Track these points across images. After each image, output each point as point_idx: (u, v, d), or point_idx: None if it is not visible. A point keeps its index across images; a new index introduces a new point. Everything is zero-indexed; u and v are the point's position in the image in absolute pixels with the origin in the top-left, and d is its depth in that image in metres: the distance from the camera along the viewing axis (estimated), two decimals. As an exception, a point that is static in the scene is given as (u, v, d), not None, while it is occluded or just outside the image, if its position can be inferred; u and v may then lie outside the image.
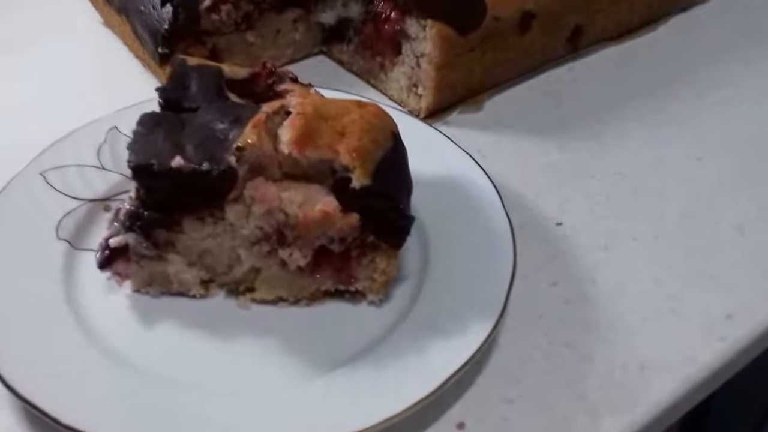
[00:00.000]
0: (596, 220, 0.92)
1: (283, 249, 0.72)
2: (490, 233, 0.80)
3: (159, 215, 0.70)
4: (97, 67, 1.18)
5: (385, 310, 0.75)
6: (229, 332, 0.73)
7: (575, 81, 1.19)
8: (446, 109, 1.11)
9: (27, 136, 0.99)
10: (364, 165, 0.68)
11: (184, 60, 0.78)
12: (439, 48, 1.00)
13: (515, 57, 1.13)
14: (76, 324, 0.71)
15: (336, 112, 0.73)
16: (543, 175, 0.99)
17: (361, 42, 1.14)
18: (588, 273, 0.85)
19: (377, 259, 0.73)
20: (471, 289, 0.74)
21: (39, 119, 1.05)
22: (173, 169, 0.65)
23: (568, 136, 1.07)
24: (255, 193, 0.68)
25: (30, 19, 1.26)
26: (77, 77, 1.15)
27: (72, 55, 1.19)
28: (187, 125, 0.71)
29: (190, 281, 0.74)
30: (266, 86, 0.82)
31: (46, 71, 1.15)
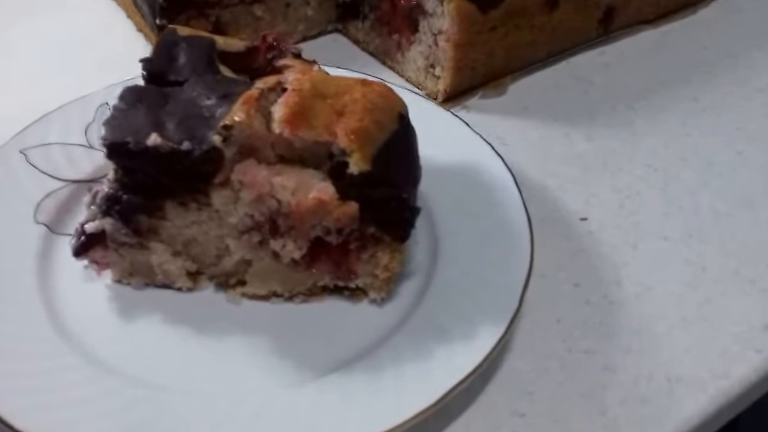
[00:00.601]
0: (624, 217, 0.85)
1: (276, 240, 0.65)
2: (506, 228, 0.74)
3: (139, 199, 0.64)
4: (99, 40, 1.13)
5: (387, 310, 0.69)
6: (215, 330, 0.68)
7: (606, 66, 1.11)
8: (466, 92, 1.04)
9: (20, 112, 0.94)
10: (363, 148, 0.61)
11: (174, 30, 0.72)
12: (458, 25, 0.93)
13: (541, 38, 1.05)
14: (47, 317, 0.66)
15: (336, 90, 0.66)
16: (568, 166, 0.92)
17: (377, 19, 1.07)
18: (613, 274, 0.78)
19: (379, 253, 0.67)
20: (482, 289, 0.68)
21: (34, 94, 0.99)
22: (150, 148, 0.59)
23: (597, 123, 0.99)
24: (243, 177, 0.62)
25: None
26: (77, 50, 1.10)
27: (74, 27, 1.14)
28: (171, 100, 0.65)
29: (175, 273, 0.69)
30: (265, 61, 0.76)
31: (45, 43, 1.11)
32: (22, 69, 1.06)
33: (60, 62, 1.08)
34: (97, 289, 0.70)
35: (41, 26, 1.14)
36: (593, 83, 1.07)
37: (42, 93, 0.99)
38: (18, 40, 1.12)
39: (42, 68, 1.06)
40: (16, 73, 1.06)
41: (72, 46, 1.11)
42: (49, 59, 1.08)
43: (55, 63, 1.07)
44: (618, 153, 0.95)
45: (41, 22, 1.15)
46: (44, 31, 1.14)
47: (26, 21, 1.15)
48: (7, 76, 1.05)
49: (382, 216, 0.65)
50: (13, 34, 1.13)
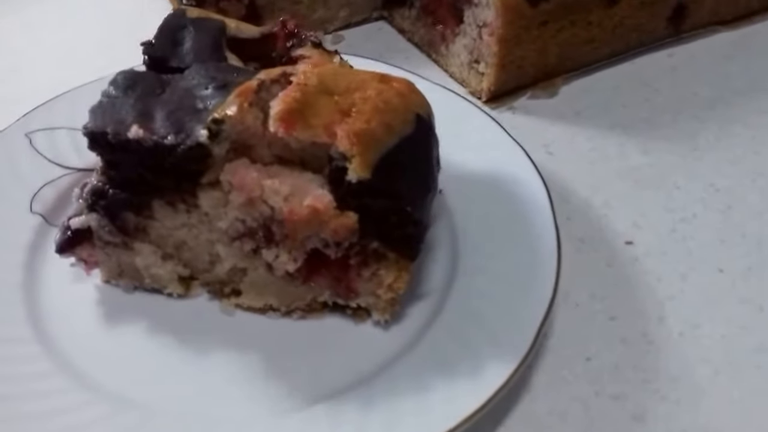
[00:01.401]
0: (676, 242, 0.76)
1: (269, 249, 0.60)
2: (534, 249, 0.67)
3: (126, 195, 0.60)
4: (135, 18, 1.10)
5: (391, 334, 0.63)
6: (205, 343, 0.63)
7: (674, 69, 1.02)
8: (514, 92, 0.97)
9: (45, 90, 0.92)
10: (365, 153, 0.55)
11: (182, 11, 0.68)
12: (503, 17, 0.86)
13: (601, 35, 0.97)
14: (27, 316, 0.63)
15: (347, 85, 0.60)
16: (619, 181, 0.84)
17: (422, 7, 1.01)
18: (656, 308, 0.70)
19: (382, 271, 0.61)
20: (499, 318, 0.61)
21: (60, 72, 0.97)
22: (131, 141, 0.54)
23: (657, 134, 0.91)
24: (233, 178, 0.57)
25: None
26: (110, 28, 1.08)
27: (110, 3, 1.12)
28: (168, 88, 0.61)
29: (165, 277, 0.64)
30: (283, 50, 0.71)
31: (77, 19, 1.09)
32: (50, 46, 1.05)
33: (92, 39, 1.05)
34: (85, 290, 0.67)
35: (75, 4, 1.12)
36: (657, 89, 0.98)
37: (68, 72, 0.97)
38: (49, 14, 1.10)
39: (71, 46, 1.04)
40: (44, 50, 1.04)
41: (105, 23, 1.09)
42: (79, 36, 1.06)
43: (87, 40, 1.05)
44: (677, 169, 0.86)
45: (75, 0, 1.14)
46: (79, 9, 1.12)
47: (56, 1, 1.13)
48: (34, 52, 1.04)
49: (385, 230, 0.58)
50: (44, 7, 1.11)
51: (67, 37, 1.05)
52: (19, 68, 1.01)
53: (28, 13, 1.11)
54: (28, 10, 1.11)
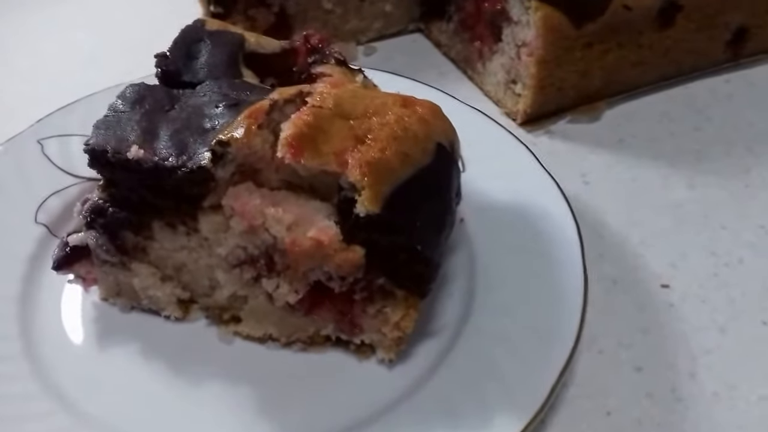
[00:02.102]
0: (718, 289, 0.73)
1: (269, 279, 0.58)
2: (558, 290, 0.64)
3: (125, 214, 0.59)
4: (163, 22, 1.08)
5: (395, 374, 0.61)
6: (199, 372, 0.62)
7: (729, 97, 0.98)
8: (553, 114, 0.94)
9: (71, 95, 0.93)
10: (376, 186, 0.53)
11: (201, 23, 0.67)
12: (543, 38, 0.83)
13: (651, 58, 0.94)
14: (19, 333, 0.62)
15: (365, 109, 0.59)
16: (659, 217, 0.81)
17: (460, 21, 0.99)
18: (689, 362, 0.66)
19: (388, 309, 0.59)
20: (514, 366, 0.59)
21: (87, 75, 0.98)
22: (131, 161, 0.54)
23: (705, 168, 0.87)
24: (235, 203, 0.55)
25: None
26: (142, 32, 1.07)
27: (142, 4, 1.13)
28: (178, 104, 0.60)
29: (163, 299, 0.63)
30: (304, 65, 0.69)
31: (110, 20, 1.11)
32: (75, 46, 1.05)
33: (118, 41, 1.06)
34: (82, 307, 0.66)
35: (106, 3, 1.13)
36: (709, 117, 0.94)
37: (91, 73, 0.98)
38: (78, 18, 1.11)
39: (99, 49, 1.05)
40: (68, 50, 1.05)
41: (137, 26, 1.09)
42: (106, 37, 1.07)
43: (113, 41, 1.06)
44: (725, 207, 0.82)
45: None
46: (109, 9, 1.13)
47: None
48: (58, 53, 1.04)
49: (393, 267, 0.56)
50: (75, 11, 1.12)
51: (92, 38, 1.06)
52: (43, 68, 1.02)
53: (53, 12, 1.12)
54: (53, 9, 1.12)
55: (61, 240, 0.63)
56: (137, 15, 1.11)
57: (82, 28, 1.08)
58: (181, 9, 1.09)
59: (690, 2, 0.89)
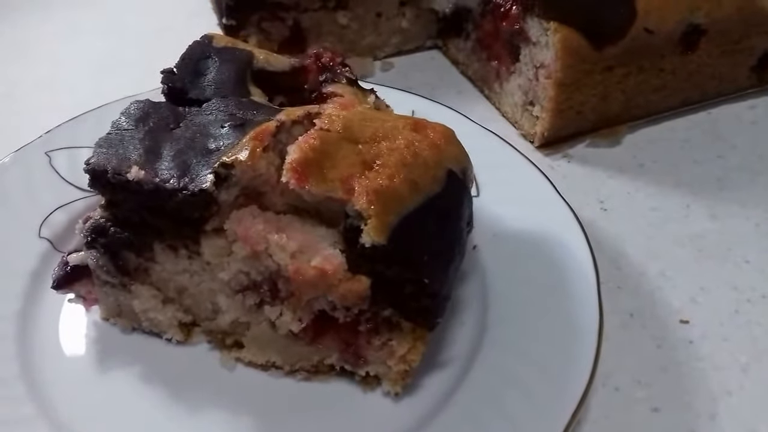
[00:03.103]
0: (739, 327, 0.70)
1: (272, 306, 0.56)
2: (572, 325, 0.62)
3: (126, 234, 0.57)
4: (179, 30, 1.07)
5: (401, 407, 0.59)
6: (199, 398, 0.60)
7: (754, 124, 0.95)
8: (571, 138, 0.91)
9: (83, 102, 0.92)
10: (383, 215, 0.51)
11: (209, 38, 0.66)
12: (562, 60, 0.81)
13: (673, 83, 0.91)
14: (16, 352, 0.61)
15: (374, 133, 0.57)
16: (680, 248, 0.78)
17: (478, 39, 0.97)
18: (709, 403, 0.64)
19: (395, 341, 0.56)
20: (524, 404, 0.56)
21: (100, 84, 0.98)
22: (131, 182, 0.52)
23: (729, 197, 0.84)
24: (238, 228, 0.54)
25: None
26: (154, 40, 1.07)
27: (157, 13, 1.13)
28: (183, 123, 0.58)
29: (164, 322, 0.62)
30: (315, 84, 0.68)
31: (122, 28, 1.10)
32: (92, 55, 1.05)
33: (134, 51, 1.05)
34: (83, 326, 0.65)
35: (120, 11, 1.13)
36: (734, 145, 0.92)
37: (108, 83, 0.97)
38: (94, 24, 1.10)
39: (113, 56, 1.04)
40: (85, 59, 1.04)
41: (149, 34, 1.08)
42: (122, 47, 1.06)
43: (129, 51, 1.05)
44: (748, 239, 0.79)
45: (121, 7, 1.14)
46: (124, 17, 1.12)
47: (104, 4, 1.14)
48: (72, 61, 1.03)
49: (400, 299, 0.54)
50: (90, 17, 1.11)
51: (105, 46, 1.06)
52: (56, 76, 1.01)
53: (68, 20, 1.11)
54: (68, 17, 1.12)
55: (61, 258, 0.62)
56: (151, 24, 1.10)
57: (94, 35, 1.08)
58: (197, 19, 1.08)
59: (714, 26, 0.87)
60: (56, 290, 0.62)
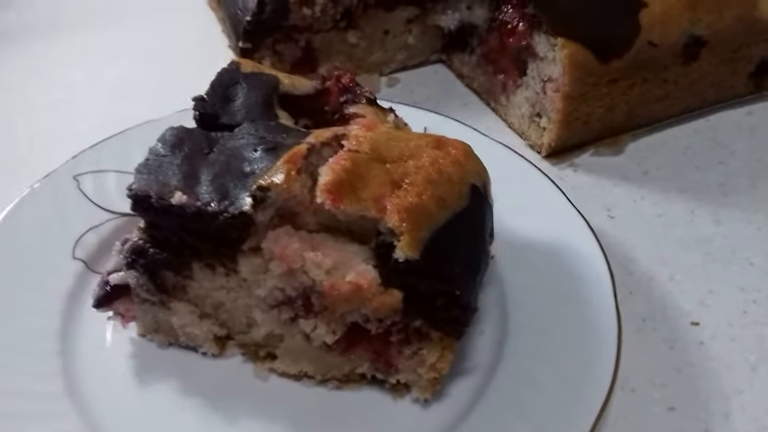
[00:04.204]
0: (747, 327, 0.73)
1: (307, 319, 0.60)
2: (590, 329, 0.65)
3: (165, 255, 0.60)
4: (188, 53, 1.12)
5: (431, 413, 0.62)
6: (236, 408, 0.63)
7: (753, 130, 0.99)
8: (577, 147, 0.95)
9: (98, 125, 0.94)
10: (415, 231, 0.54)
11: (236, 65, 0.69)
12: (570, 74, 0.84)
13: (675, 92, 0.95)
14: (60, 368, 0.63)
15: (401, 152, 0.60)
16: (687, 252, 0.82)
17: (483, 54, 1.00)
18: (722, 402, 0.67)
19: (425, 350, 0.60)
20: (547, 408, 0.59)
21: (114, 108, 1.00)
22: (174, 206, 0.55)
23: (731, 202, 0.88)
24: (274, 246, 0.57)
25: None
26: (161, 62, 1.10)
27: (165, 36, 1.15)
28: (216, 148, 0.61)
29: (201, 336, 0.65)
30: (336, 105, 0.71)
31: (135, 52, 1.12)
32: (104, 79, 1.07)
33: (145, 74, 1.07)
34: (121, 342, 0.68)
35: (131, 35, 1.15)
36: (734, 151, 0.95)
37: (122, 108, 0.99)
38: (104, 49, 1.13)
39: (125, 80, 1.06)
40: (98, 84, 1.06)
41: (160, 59, 1.10)
42: (132, 71, 1.08)
43: (140, 75, 1.07)
44: (752, 242, 0.83)
45: (132, 30, 1.16)
46: (135, 40, 1.14)
47: (115, 29, 1.16)
48: (89, 87, 1.06)
49: (431, 311, 0.57)
50: (100, 42, 1.14)
51: (117, 72, 1.08)
52: (70, 101, 1.03)
53: (77, 45, 1.13)
54: (76, 42, 1.13)
55: (101, 278, 0.65)
56: (160, 48, 1.12)
57: (104, 60, 1.10)
58: (205, 43, 1.11)
59: (714, 37, 0.90)
60: (97, 308, 0.65)
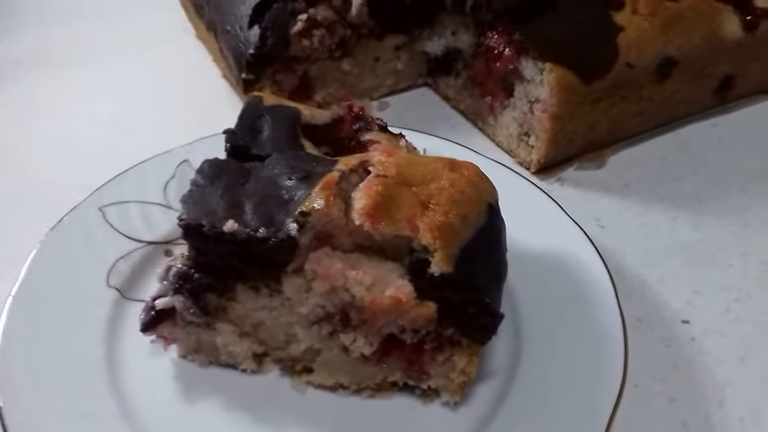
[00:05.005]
0: (732, 323, 0.81)
1: (346, 333, 0.65)
2: (597, 331, 0.72)
3: (210, 279, 0.65)
4: (181, 84, 1.16)
5: (460, 416, 0.68)
6: (278, 420, 0.68)
7: (720, 140, 1.07)
8: (562, 163, 1.02)
9: (91, 155, 1.00)
10: (446, 247, 0.60)
11: (259, 99, 0.74)
12: (557, 96, 0.91)
13: (650, 108, 1.03)
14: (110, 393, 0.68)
15: (423, 176, 0.66)
16: (672, 257, 0.89)
17: (469, 78, 1.07)
18: (717, 391, 0.74)
19: (456, 356, 0.66)
20: (566, 405, 0.66)
21: (113, 139, 1.04)
22: (226, 234, 0.60)
23: (707, 208, 0.96)
24: (317, 267, 0.62)
25: (122, 27, 1.27)
26: (157, 94, 1.14)
27: (156, 68, 1.19)
28: (252, 178, 0.66)
29: (241, 354, 0.70)
30: (350, 133, 0.77)
31: (129, 85, 1.15)
32: (100, 113, 1.10)
33: (143, 107, 1.11)
34: (162, 364, 0.72)
35: (123, 69, 1.18)
36: (706, 161, 1.03)
37: (124, 139, 1.03)
38: (97, 82, 1.16)
39: (121, 113, 1.10)
40: (96, 117, 1.09)
41: (155, 91, 1.14)
42: (128, 104, 1.11)
43: (138, 107, 1.11)
44: (728, 246, 0.91)
45: (123, 64, 1.19)
46: (125, 73, 1.17)
47: (105, 62, 1.19)
48: (86, 120, 1.09)
49: (462, 319, 0.63)
50: (93, 76, 1.17)
51: (114, 105, 1.10)
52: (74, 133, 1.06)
53: (72, 80, 1.16)
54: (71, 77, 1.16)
55: (146, 304, 0.69)
56: (152, 80, 1.15)
57: (99, 94, 1.12)
58: (199, 72, 1.16)
59: (685, 57, 0.98)
60: (144, 332, 0.69)
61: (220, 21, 1.03)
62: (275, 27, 0.96)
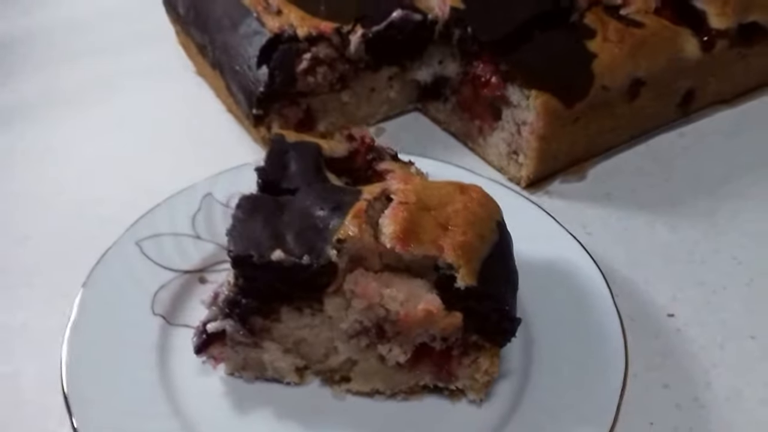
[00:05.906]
0: (711, 314, 0.89)
1: (383, 344, 0.72)
2: (597, 328, 0.79)
3: (257, 303, 0.72)
4: (187, 119, 1.20)
5: (485, 410, 0.75)
6: (321, 425, 0.74)
7: (686, 149, 1.16)
8: (547, 177, 1.10)
9: (110, 192, 1.03)
10: (469, 263, 0.68)
11: (282, 137, 0.81)
12: (543, 119, 0.99)
13: (623, 124, 1.12)
14: (172, 412, 0.73)
15: (439, 200, 0.73)
16: (654, 258, 0.97)
17: (458, 102, 1.15)
18: (702, 375, 0.82)
19: (480, 359, 0.73)
20: (579, 394, 0.74)
21: (121, 174, 1.08)
22: (273, 262, 0.67)
23: (679, 212, 1.04)
24: (355, 287, 0.69)
25: (121, 65, 1.30)
26: (164, 130, 1.17)
27: (161, 105, 1.22)
28: (286, 210, 0.73)
29: (285, 369, 0.76)
30: (365, 163, 0.84)
31: (132, 122, 1.18)
32: (103, 149, 1.13)
33: (155, 143, 1.14)
34: (212, 383, 0.78)
35: (129, 106, 1.21)
36: (675, 168, 1.12)
37: (143, 174, 1.07)
38: (99, 120, 1.18)
39: (135, 149, 1.13)
40: (99, 153, 1.12)
41: (164, 127, 1.17)
42: (143, 141, 1.14)
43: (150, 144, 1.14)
44: (702, 245, 0.99)
45: (129, 102, 1.22)
46: (133, 111, 1.20)
47: (111, 102, 1.22)
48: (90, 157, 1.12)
49: (485, 326, 0.71)
50: (94, 114, 1.20)
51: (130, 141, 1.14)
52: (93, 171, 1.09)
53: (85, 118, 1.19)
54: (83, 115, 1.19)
55: (197, 328, 0.75)
56: (162, 116, 1.19)
57: (105, 133, 1.15)
58: (202, 107, 1.20)
59: (651, 77, 1.07)
60: (197, 354, 0.75)
61: (227, 61, 1.09)
62: (282, 66, 1.02)
